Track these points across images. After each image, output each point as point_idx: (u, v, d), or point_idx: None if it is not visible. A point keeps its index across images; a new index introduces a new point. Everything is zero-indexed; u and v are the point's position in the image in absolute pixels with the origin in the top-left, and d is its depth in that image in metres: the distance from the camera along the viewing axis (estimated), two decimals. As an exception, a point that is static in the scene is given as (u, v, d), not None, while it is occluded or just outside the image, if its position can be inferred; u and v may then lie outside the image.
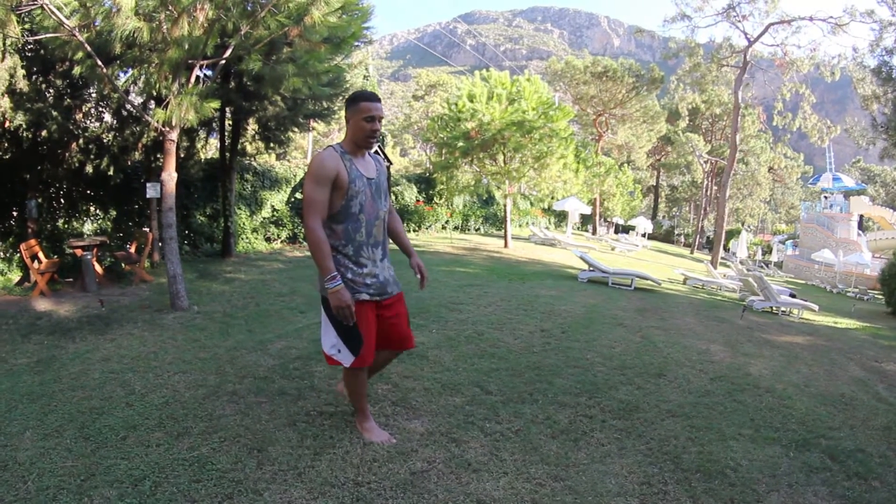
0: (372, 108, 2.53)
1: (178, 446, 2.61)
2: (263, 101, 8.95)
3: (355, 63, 23.27)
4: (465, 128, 14.82)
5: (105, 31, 5.09)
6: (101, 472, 2.34)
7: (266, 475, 2.37)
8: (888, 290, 14.62)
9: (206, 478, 2.33)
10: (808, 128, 27.55)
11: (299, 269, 9.06)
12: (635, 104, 36.01)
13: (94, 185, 9.02)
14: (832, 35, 21.81)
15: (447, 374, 3.91)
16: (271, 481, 2.33)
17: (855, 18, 20.55)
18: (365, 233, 2.59)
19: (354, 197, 2.53)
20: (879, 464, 3.03)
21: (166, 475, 2.34)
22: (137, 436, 2.71)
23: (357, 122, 2.55)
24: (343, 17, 6.67)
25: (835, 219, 30.63)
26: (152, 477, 2.31)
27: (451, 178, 16.05)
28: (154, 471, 2.37)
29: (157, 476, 2.33)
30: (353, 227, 2.56)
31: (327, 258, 2.45)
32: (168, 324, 5.11)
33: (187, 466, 2.41)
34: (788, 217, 57.09)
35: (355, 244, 2.57)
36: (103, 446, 2.59)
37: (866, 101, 16.26)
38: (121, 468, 2.38)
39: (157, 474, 2.34)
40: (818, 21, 22.14)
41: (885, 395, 4.49)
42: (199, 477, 2.33)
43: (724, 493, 2.53)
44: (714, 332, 6.49)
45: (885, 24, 16.21)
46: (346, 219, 2.54)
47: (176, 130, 5.88)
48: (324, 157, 2.52)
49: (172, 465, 2.42)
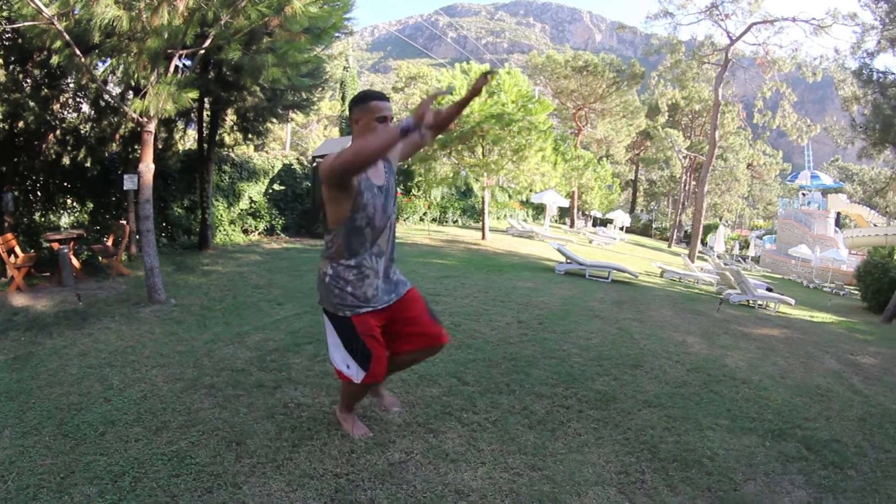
0: (384, 108, 2.38)
1: (156, 441, 2.59)
2: (242, 91, 8.87)
3: (335, 54, 23.16)
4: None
5: (84, 20, 5.00)
6: (81, 469, 2.32)
7: (245, 468, 2.37)
8: (864, 285, 14.96)
9: (185, 472, 2.32)
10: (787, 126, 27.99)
11: (276, 260, 9.02)
12: (615, 99, 36.24)
13: (71, 177, 8.87)
14: (814, 36, 22.21)
15: (424, 365, 3.89)
16: (250, 474, 2.33)
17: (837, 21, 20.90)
18: (370, 245, 2.42)
19: (361, 209, 2.35)
20: (854, 453, 3.09)
21: (146, 470, 2.33)
22: (116, 431, 2.69)
23: (368, 123, 2.38)
24: (324, 7, 6.62)
25: (812, 215, 31.14)
26: (132, 472, 2.30)
27: (429, 170, 16.07)
28: (133, 466, 2.35)
29: (136, 471, 2.31)
30: (357, 240, 2.39)
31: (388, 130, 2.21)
32: (145, 317, 5.07)
33: (166, 461, 2.40)
34: (766, 213, 57.88)
35: (359, 257, 2.40)
36: (82, 443, 2.57)
37: (847, 102, 16.54)
38: (100, 464, 2.36)
39: (137, 469, 2.33)
40: (801, 22, 22.49)
41: (860, 387, 4.57)
42: (178, 471, 2.32)
43: (700, 481, 2.57)
44: (691, 325, 6.57)
45: (867, 28, 16.51)
46: (351, 232, 2.37)
47: (154, 121, 5.81)
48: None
49: (151, 460, 2.41)
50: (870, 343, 7.30)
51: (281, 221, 12.97)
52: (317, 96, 11.34)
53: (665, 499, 2.39)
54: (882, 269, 14.22)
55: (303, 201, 13.84)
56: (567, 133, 35.45)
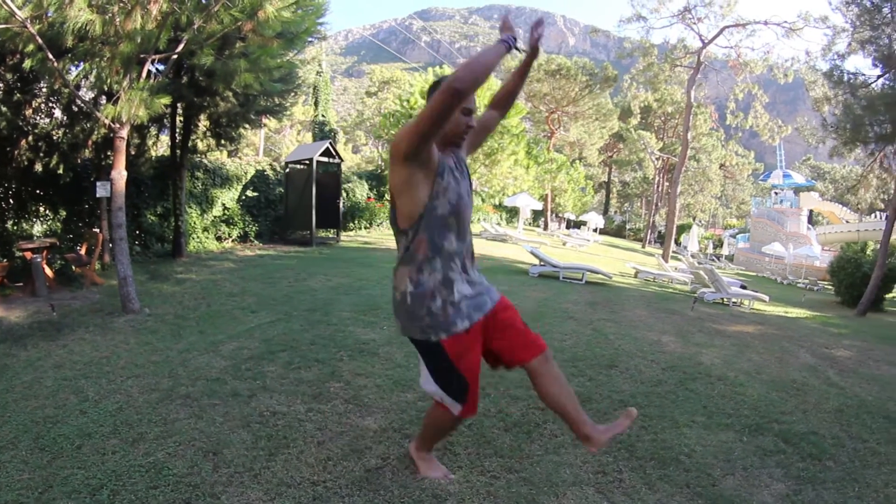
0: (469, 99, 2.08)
1: (133, 453, 2.57)
2: (215, 96, 8.78)
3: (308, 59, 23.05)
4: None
5: (57, 23, 4.94)
6: (59, 483, 2.29)
7: (222, 478, 2.37)
8: (837, 280, 15.33)
9: (162, 483, 2.31)
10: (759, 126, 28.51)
11: (250, 268, 8.95)
12: (588, 102, 36.68)
13: (44, 184, 8.69)
14: (786, 39, 22.66)
15: (399, 370, 3.94)
16: (228, 484, 2.32)
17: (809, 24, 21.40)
18: (456, 241, 2.07)
19: (442, 194, 2.02)
20: (832, 445, 3.16)
21: (123, 483, 2.31)
22: (93, 444, 2.66)
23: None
24: (297, 12, 6.62)
25: (785, 213, 31.81)
26: (109, 485, 2.29)
27: None
28: (111, 479, 2.34)
29: (114, 484, 2.30)
30: (441, 235, 2.03)
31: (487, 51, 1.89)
32: (120, 327, 5.00)
33: (144, 473, 2.39)
34: (739, 212, 58.92)
35: (444, 256, 2.04)
36: (59, 456, 2.54)
37: (818, 102, 16.92)
38: (78, 478, 2.34)
39: (115, 482, 2.31)
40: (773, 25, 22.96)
41: (836, 380, 4.67)
42: (156, 483, 2.31)
43: (679, 478, 2.61)
44: (665, 324, 6.65)
45: (838, 30, 16.89)
46: (433, 225, 2.02)
47: (126, 127, 5.74)
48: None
49: (129, 472, 2.39)
50: (844, 336, 7.46)
51: (254, 228, 12.84)
52: (290, 101, 11.25)
53: (643, 497, 2.43)
54: (855, 264, 14.60)
55: (276, 207, 13.73)
56: (540, 136, 35.77)
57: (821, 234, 32.93)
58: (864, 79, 14.11)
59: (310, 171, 12.78)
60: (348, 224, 16.71)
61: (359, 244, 13.98)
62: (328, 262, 10.05)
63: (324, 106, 25.46)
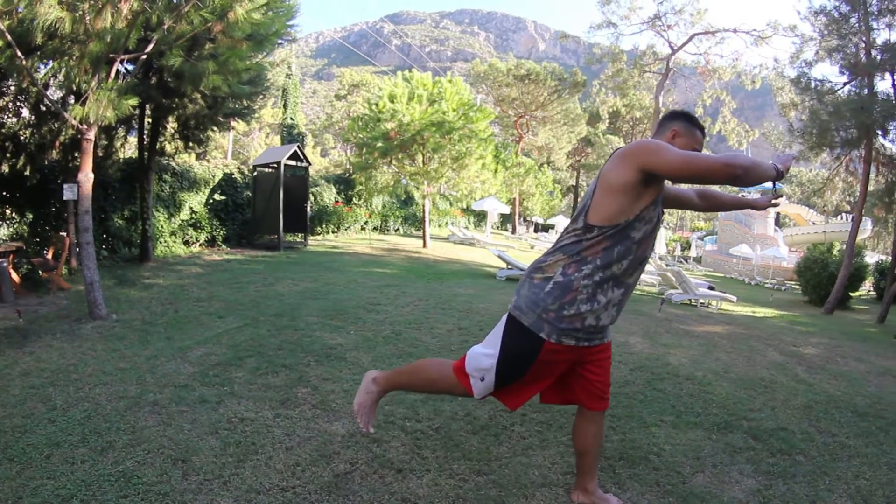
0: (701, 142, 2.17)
1: (102, 461, 2.55)
2: (183, 98, 8.68)
3: (278, 61, 22.87)
4: (384, 128, 14.90)
5: (27, 20, 4.84)
6: (28, 495, 2.27)
7: (192, 486, 2.37)
8: (804, 280, 15.79)
9: (132, 492, 2.30)
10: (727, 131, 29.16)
11: (217, 272, 8.87)
12: (557, 107, 37.02)
13: (10, 186, 8.49)
14: (755, 46, 23.27)
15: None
16: (197, 491, 2.32)
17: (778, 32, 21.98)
18: (627, 267, 1.99)
19: (646, 221, 1.97)
20: (802, 439, 3.24)
21: (93, 492, 2.29)
22: (62, 453, 2.63)
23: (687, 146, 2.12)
24: (267, 14, 6.58)
25: (752, 216, 32.43)
26: (79, 495, 2.26)
27: (370, 179, 16.09)
28: (81, 489, 2.31)
29: (84, 494, 2.28)
30: (622, 253, 1.95)
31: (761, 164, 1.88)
32: (87, 334, 4.92)
33: (113, 482, 2.37)
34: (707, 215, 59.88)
35: (607, 273, 1.96)
36: (28, 467, 2.50)
37: (785, 108, 17.34)
38: (48, 489, 2.31)
39: (84, 492, 2.29)
40: (742, 33, 23.50)
41: (804, 377, 4.80)
42: (125, 492, 2.30)
43: (648, 477, 2.65)
44: (632, 325, 6.72)
45: (805, 39, 17.35)
46: (621, 240, 1.94)
47: (94, 128, 5.65)
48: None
49: (98, 482, 2.37)
50: (812, 334, 7.65)
51: (222, 232, 12.70)
52: (258, 104, 11.18)
53: (614, 495, 2.46)
54: (821, 265, 15.06)
55: (244, 211, 13.62)
56: (508, 140, 36.01)
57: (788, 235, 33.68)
58: (831, 85, 14.54)
59: (278, 175, 12.70)
60: (316, 228, 16.67)
61: (326, 248, 13.92)
62: (295, 267, 10.00)
63: (293, 109, 25.28)
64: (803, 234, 33.10)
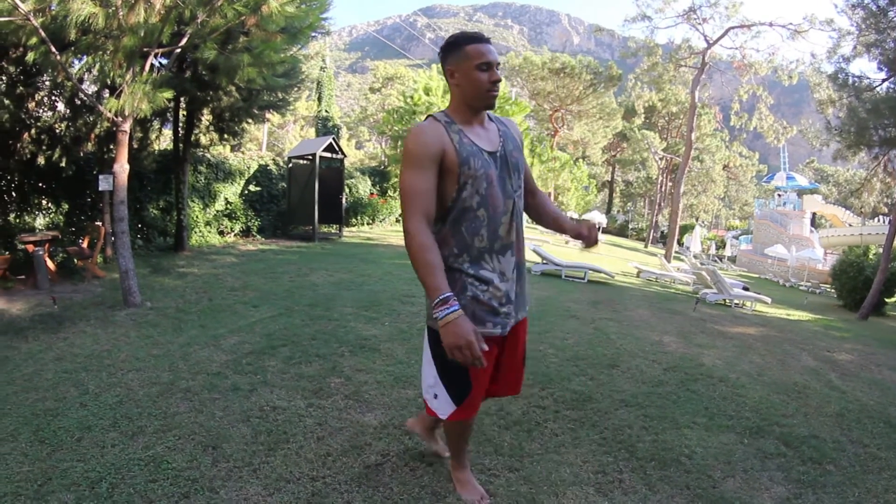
0: (485, 52, 1.82)
1: (133, 446, 2.57)
2: (218, 91, 8.77)
3: (312, 54, 23.02)
4: (419, 121, 14.85)
5: (60, 16, 4.92)
6: (58, 476, 2.29)
7: (221, 472, 2.36)
8: (839, 283, 15.28)
9: (161, 477, 2.31)
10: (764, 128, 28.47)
11: (252, 262, 8.96)
12: (592, 101, 36.66)
13: (46, 177, 8.69)
14: (791, 41, 22.60)
15: (399, 366, 3.93)
16: (227, 478, 2.32)
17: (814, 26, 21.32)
18: (488, 235, 1.87)
19: (469, 184, 1.82)
20: (833, 449, 3.13)
21: (122, 476, 2.30)
22: (92, 437, 2.66)
23: (467, 73, 1.83)
24: (301, 6, 6.60)
25: (788, 215, 31.68)
26: (109, 478, 2.28)
27: None
28: (110, 472, 2.33)
29: (113, 477, 2.29)
30: (469, 227, 1.85)
31: (436, 273, 1.68)
32: (121, 321, 5.00)
33: (143, 466, 2.39)
34: (742, 213, 58.71)
35: (474, 252, 1.87)
36: (59, 449, 2.53)
37: (822, 105, 16.85)
38: (77, 471, 2.33)
39: (114, 475, 2.31)
40: (778, 27, 22.87)
41: (838, 384, 4.64)
42: (155, 476, 2.31)
43: (679, 479, 2.59)
44: (667, 324, 6.63)
45: (843, 33, 16.81)
46: (461, 217, 1.84)
47: (129, 121, 5.73)
48: (420, 129, 1.82)
49: (128, 466, 2.39)
50: (846, 340, 7.43)
51: (257, 223, 12.85)
52: (293, 97, 11.27)
53: (643, 497, 2.41)
54: (857, 268, 14.55)
55: (279, 202, 13.74)
56: (543, 134, 35.74)
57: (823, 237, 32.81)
58: (869, 82, 14.05)
59: (313, 167, 12.77)
60: (351, 220, 16.72)
61: (361, 240, 13.98)
62: (330, 258, 10.05)
63: (327, 101, 25.43)
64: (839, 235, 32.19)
